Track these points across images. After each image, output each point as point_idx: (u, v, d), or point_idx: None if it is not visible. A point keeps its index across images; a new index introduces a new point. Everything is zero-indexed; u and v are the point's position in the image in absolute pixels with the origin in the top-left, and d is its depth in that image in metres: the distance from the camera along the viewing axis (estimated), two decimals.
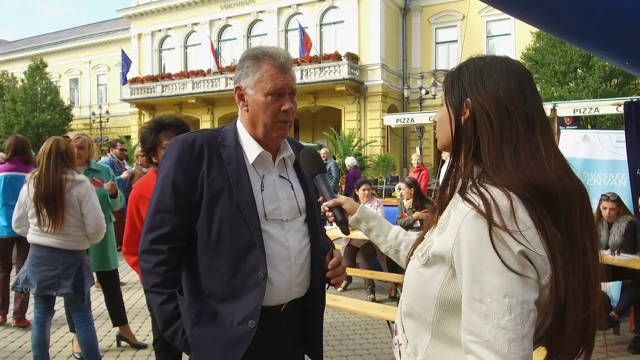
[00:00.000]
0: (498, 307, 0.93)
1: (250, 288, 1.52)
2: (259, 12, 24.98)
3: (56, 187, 3.14)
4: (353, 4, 22.38)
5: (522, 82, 1.10)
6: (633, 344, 4.22)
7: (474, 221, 0.98)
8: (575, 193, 1.02)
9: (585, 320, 0.99)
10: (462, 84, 1.14)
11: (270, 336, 1.57)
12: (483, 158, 1.06)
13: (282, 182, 1.68)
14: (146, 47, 28.18)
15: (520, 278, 0.94)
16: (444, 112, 1.18)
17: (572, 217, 1.00)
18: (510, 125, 1.06)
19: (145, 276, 1.57)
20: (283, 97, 1.59)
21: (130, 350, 4.13)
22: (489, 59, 1.14)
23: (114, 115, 29.29)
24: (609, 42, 4.43)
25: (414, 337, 1.13)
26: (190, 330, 1.52)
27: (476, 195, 1.00)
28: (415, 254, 1.15)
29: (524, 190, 0.98)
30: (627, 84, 15.64)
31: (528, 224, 0.96)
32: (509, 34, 21.68)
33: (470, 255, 0.97)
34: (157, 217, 1.57)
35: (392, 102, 23.13)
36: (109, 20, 34.05)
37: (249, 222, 1.53)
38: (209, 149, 1.59)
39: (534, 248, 0.94)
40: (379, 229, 1.55)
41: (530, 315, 0.94)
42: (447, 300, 1.04)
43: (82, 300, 3.33)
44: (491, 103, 1.07)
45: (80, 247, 3.31)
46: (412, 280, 1.13)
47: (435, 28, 23.72)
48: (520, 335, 0.93)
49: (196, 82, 25.12)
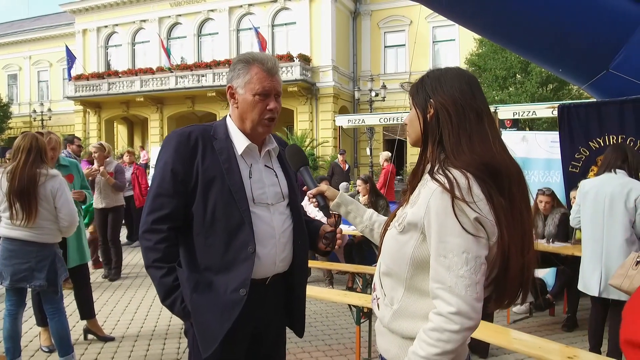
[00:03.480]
0: (458, 261, 1.22)
1: (241, 261, 1.74)
2: (209, 10, 24.80)
3: (30, 181, 3.20)
4: (304, 6, 22.67)
5: (471, 85, 1.39)
6: (566, 323, 4.71)
7: (440, 195, 1.25)
8: (514, 169, 1.33)
9: (522, 266, 1.29)
10: (425, 89, 1.42)
11: (256, 307, 1.79)
12: (445, 146, 1.35)
13: (267, 170, 1.91)
14: (91, 44, 27.33)
15: (475, 238, 1.22)
16: (413, 114, 1.46)
17: (512, 187, 1.30)
18: (465, 118, 1.34)
19: (147, 253, 1.77)
20: (269, 97, 1.82)
21: (97, 343, 4.20)
22: (444, 69, 1.44)
23: (57, 113, 28.20)
24: (545, 52, 4.92)
25: (390, 290, 1.40)
26: (190, 297, 1.73)
27: (442, 176, 1.28)
28: (392, 224, 1.42)
29: (477, 170, 1.27)
30: (562, 89, 16.74)
31: (480, 197, 1.24)
32: (454, 39, 22.61)
33: (437, 221, 1.25)
34: (157, 200, 1.77)
35: (343, 104, 23.59)
36: (51, 14, 32.67)
37: (239, 204, 1.75)
38: (202, 141, 1.81)
39: (485, 215, 1.23)
40: (356, 212, 1.81)
41: (481, 267, 1.23)
42: (419, 259, 1.32)
43: (56, 292, 3.40)
44: (449, 102, 1.36)
45: (53, 240, 3.37)
46: (391, 246, 1.40)
47: (384, 32, 24.40)
48: (474, 282, 1.21)
49: (145, 80, 24.64)
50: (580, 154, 4.90)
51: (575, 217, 3.85)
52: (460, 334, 1.20)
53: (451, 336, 1.20)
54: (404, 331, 1.34)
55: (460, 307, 1.19)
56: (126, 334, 4.43)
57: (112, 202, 6.46)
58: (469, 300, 1.20)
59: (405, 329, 1.34)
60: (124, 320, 4.84)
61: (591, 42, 4.45)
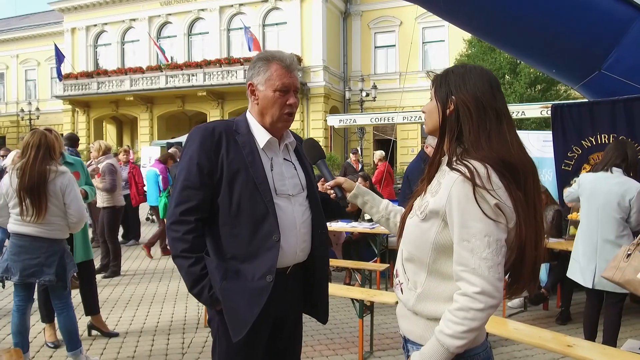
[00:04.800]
0: (480, 244, 1.31)
1: (267, 249, 1.82)
2: (200, 10, 24.78)
3: (40, 178, 3.24)
4: (295, 6, 22.75)
5: (493, 86, 1.47)
6: (560, 317, 4.84)
7: (462, 184, 1.34)
8: (529, 167, 1.42)
9: (535, 257, 1.39)
10: (448, 85, 1.50)
11: (278, 296, 1.87)
12: (465, 141, 1.44)
13: (286, 163, 2.00)
14: (80, 42, 27.15)
15: (495, 223, 1.32)
16: (433, 105, 1.54)
17: (528, 184, 1.39)
18: (485, 117, 1.43)
19: (175, 243, 1.84)
20: (289, 93, 1.91)
21: (102, 339, 4.24)
22: (469, 67, 1.52)
23: (45, 113, 27.97)
24: (539, 53, 5.05)
25: (413, 275, 1.48)
26: (220, 284, 1.80)
27: (462, 166, 1.37)
28: (414, 213, 1.51)
29: (495, 163, 1.36)
30: (550, 90, 17.02)
31: (499, 185, 1.34)
32: (444, 40, 22.84)
33: (459, 208, 1.34)
34: (184, 193, 1.84)
35: (333, 104, 23.71)
36: (39, 12, 32.35)
37: (263, 195, 1.84)
38: (226, 135, 1.89)
39: (504, 201, 1.33)
40: (372, 202, 1.89)
41: (502, 249, 1.33)
42: (441, 244, 1.41)
43: (64, 288, 3.45)
44: (471, 100, 1.44)
45: (61, 235, 3.42)
46: (413, 233, 1.48)
47: (374, 32, 24.58)
48: (496, 263, 1.31)
49: (134, 79, 24.55)
50: (572, 152, 5.04)
51: (570, 194, 3.96)
52: (484, 312, 1.29)
53: (476, 314, 1.29)
54: (429, 312, 1.43)
55: (484, 287, 1.29)
56: (129, 330, 4.48)
57: (105, 202, 6.48)
58: (492, 281, 1.29)
59: (430, 311, 1.43)
60: (126, 316, 4.88)
61: (583, 43, 4.59)
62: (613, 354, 2.68)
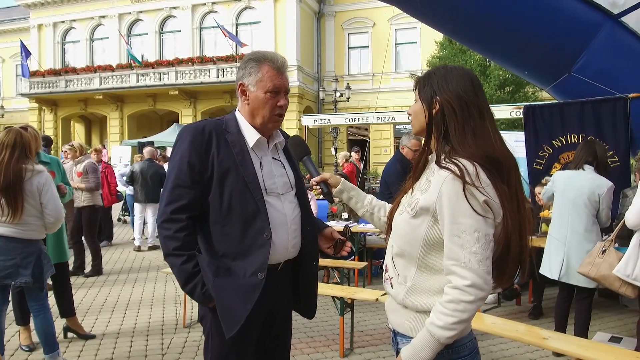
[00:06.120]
0: (470, 239, 1.36)
1: (258, 247, 1.84)
2: (171, 7, 24.46)
3: (16, 177, 3.17)
4: (269, 5, 22.69)
5: (474, 85, 1.53)
6: (532, 312, 4.99)
7: (452, 182, 1.39)
8: (511, 161, 1.48)
9: (520, 248, 1.45)
10: (432, 86, 1.55)
11: (270, 292, 1.89)
12: (451, 139, 1.49)
13: (275, 162, 2.02)
14: (47, 39, 26.46)
15: (484, 219, 1.37)
16: (419, 106, 1.59)
17: (511, 177, 1.46)
18: (469, 115, 1.49)
19: (166, 242, 1.84)
20: (279, 94, 1.93)
21: (79, 341, 4.17)
22: (450, 68, 1.57)
23: (10, 111, 27.21)
24: (512, 55, 5.20)
25: (403, 270, 1.53)
26: (212, 281, 1.82)
27: (451, 164, 1.42)
28: (403, 209, 1.55)
29: (482, 160, 1.42)
30: (518, 92, 17.43)
31: (487, 182, 1.39)
32: (416, 42, 23.13)
33: (450, 205, 1.39)
34: (175, 191, 1.85)
35: (307, 104, 23.74)
36: (4, 8, 31.35)
37: (254, 193, 1.85)
38: (216, 134, 1.90)
39: (492, 198, 1.38)
40: (357, 197, 1.93)
41: (490, 244, 1.38)
42: (431, 240, 1.46)
43: (41, 289, 3.38)
44: (455, 100, 1.50)
45: (38, 236, 3.35)
46: (403, 229, 1.53)
47: (347, 33, 24.71)
48: (485, 257, 1.36)
49: (104, 77, 24.07)
50: (544, 152, 5.21)
51: (546, 192, 4.09)
52: (474, 304, 1.35)
53: (466, 306, 1.34)
54: (418, 305, 1.47)
55: (474, 280, 1.34)
56: (106, 332, 4.41)
57: (84, 201, 6.38)
58: (482, 274, 1.35)
59: (419, 304, 1.47)
60: (103, 318, 4.80)
61: (554, 47, 4.75)
62: (587, 346, 2.79)
